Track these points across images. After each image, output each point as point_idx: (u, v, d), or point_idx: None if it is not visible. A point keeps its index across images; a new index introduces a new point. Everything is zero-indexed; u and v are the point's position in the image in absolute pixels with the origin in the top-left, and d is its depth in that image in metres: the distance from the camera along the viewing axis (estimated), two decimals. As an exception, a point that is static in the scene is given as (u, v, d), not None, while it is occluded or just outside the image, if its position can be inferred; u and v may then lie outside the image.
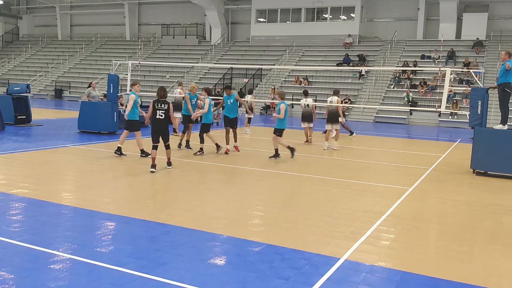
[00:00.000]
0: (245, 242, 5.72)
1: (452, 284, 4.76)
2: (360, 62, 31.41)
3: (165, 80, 34.97)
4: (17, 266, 4.73)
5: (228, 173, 10.26)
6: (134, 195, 7.93)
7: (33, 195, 7.47)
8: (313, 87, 30.35)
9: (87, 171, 9.59)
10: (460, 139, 19.26)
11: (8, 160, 10.44)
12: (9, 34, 48.10)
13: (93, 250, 5.22)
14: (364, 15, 34.58)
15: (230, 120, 12.87)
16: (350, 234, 6.17)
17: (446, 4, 30.90)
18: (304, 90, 17.63)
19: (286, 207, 7.53)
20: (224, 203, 7.62)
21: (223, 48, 37.87)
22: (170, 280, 4.51)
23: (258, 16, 37.18)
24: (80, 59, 41.46)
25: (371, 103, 28.35)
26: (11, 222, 6.10)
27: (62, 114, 24.60)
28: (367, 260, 5.28)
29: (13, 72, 41.76)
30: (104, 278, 4.52)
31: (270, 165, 11.21)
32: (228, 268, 4.95)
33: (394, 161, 12.97)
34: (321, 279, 4.70)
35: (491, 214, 7.55)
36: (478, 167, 11.07)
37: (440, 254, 5.62)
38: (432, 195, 8.83)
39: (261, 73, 33.45)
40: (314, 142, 15.68)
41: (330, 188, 8.97)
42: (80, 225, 6.16)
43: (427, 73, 29.53)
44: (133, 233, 5.92)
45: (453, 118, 26.18)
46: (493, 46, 30.20)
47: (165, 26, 40.80)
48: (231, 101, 12.76)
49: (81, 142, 13.77)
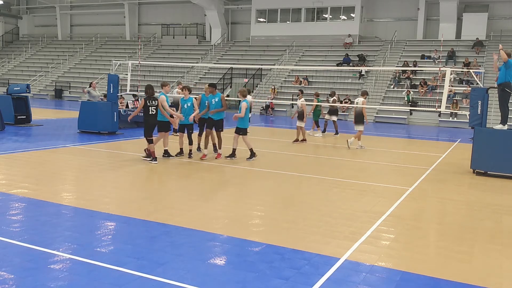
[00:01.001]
0: (245, 242, 5.72)
1: (452, 284, 4.76)
2: (360, 62, 31.41)
3: (164, 80, 34.93)
4: (17, 266, 4.73)
5: (228, 173, 10.26)
6: (134, 195, 7.92)
7: (33, 195, 7.47)
8: (313, 87, 30.33)
9: (87, 171, 9.59)
10: (460, 139, 19.26)
11: (8, 160, 10.44)
12: (9, 34, 48.10)
13: (93, 250, 5.22)
14: (364, 15, 34.58)
15: (214, 121, 11.82)
16: (350, 234, 6.17)
17: (446, 4, 30.90)
18: (300, 89, 18.22)
19: (286, 207, 7.53)
20: (224, 203, 7.62)
21: (223, 48, 37.87)
22: (170, 280, 4.51)
23: (258, 16, 37.18)
24: (80, 59, 41.47)
25: (371, 103, 28.30)
26: (11, 222, 6.10)
27: (62, 114, 24.59)
28: (367, 260, 5.28)
29: (13, 72, 41.76)
30: (104, 278, 4.52)
31: (270, 165, 11.21)
32: (228, 268, 4.95)
33: (394, 161, 12.97)
34: (321, 279, 4.70)
35: (491, 214, 7.55)
36: (478, 167, 11.07)
37: (440, 254, 5.62)
38: (432, 195, 8.83)
39: (261, 73, 33.45)
40: (314, 142, 15.67)
41: (330, 188, 8.97)
42: (80, 225, 6.15)
43: (427, 73, 29.53)
44: (133, 233, 5.92)
45: (453, 118, 26.19)
46: (493, 46, 30.19)
47: (165, 26, 40.80)
48: (215, 100, 11.76)
49: (81, 142, 13.77)
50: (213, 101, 12.14)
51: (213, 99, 12.01)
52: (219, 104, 11.76)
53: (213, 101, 12.14)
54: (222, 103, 11.70)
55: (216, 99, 11.74)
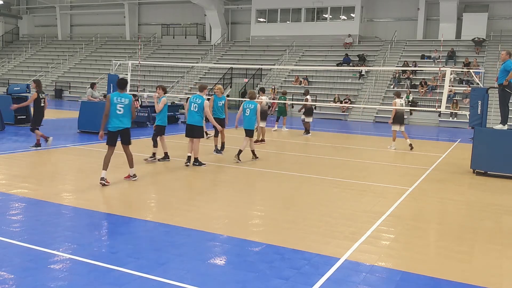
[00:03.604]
0: (245, 242, 5.72)
1: (452, 284, 4.76)
2: (360, 62, 31.41)
3: (164, 80, 34.99)
4: (17, 266, 4.73)
5: (228, 173, 10.26)
6: (134, 195, 7.92)
7: (33, 195, 7.47)
8: (313, 87, 30.34)
9: (87, 171, 9.59)
10: (460, 139, 19.26)
11: (8, 160, 10.44)
12: (9, 34, 48.11)
13: (93, 250, 5.22)
14: (364, 15, 34.58)
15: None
16: (350, 234, 6.17)
17: (446, 4, 30.89)
18: (261, 87, 18.28)
19: (286, 207, 7.53)
20: (224, 203, 7.62)
21: (223, 48, 37.87)
22: (170, 280, 4.51)
23: (258, 16, 37.18)
24: (80, 59, 41.47)
25: (371, 103, 28.35)
26: (11, 222, 6.10)
27: (62, 114, 24.58)
28: (367, 260, 5.28)
29: (13, 72, 41.75)
30: (104, 278, 4.52)
31: (270, 165, 11.21)
32: (228, 268, 4.95)
33: (394, 161, 12.97)
34: (321, 279, 4.70)
35: (491, 214, 7.55)
36: (478, 167, 11.07)
37: (440, 254, 5.62)
38: (432, 195, 8.83)
39: (261, 73, 33.45)
40: (312, 142, 15.66)
41: (330, 188, 8.97)
42: (80, 225, 6.16)
43: (427, 73, 29.53)
44: (133, 233, 5.92)
45: (453, 118, 26.18)
46: (493, 46, 30.20)
47: (165, 26, 40.80)
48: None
49: (81, 142, 13.76)
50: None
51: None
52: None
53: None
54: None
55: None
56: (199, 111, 10.46)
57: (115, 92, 8.64)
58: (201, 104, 10.45)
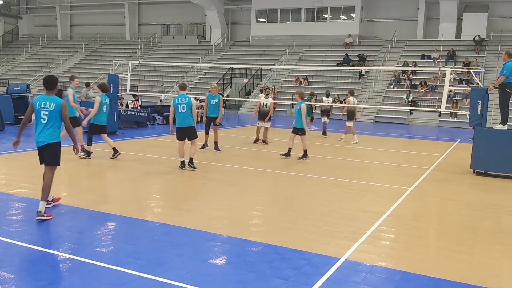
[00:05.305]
0: (245, 242, 5.72)
1: (452, 284, 4.76)
2: (360, 62, 31.41)
3: (164, 80, 34.98)
4: (17, 266, 4.73)
5: (228, 173, 10.25)
6: (134, 195, 7.92)
7: (33, 195, 7.47)
8: (313, 87, 30.32)
9: (87, 171, 9.58)
10: (460, 139, 19.26)
11: (8, 160, 10.44)
12: (9, 34, 48.11)
13: (93, 250, 5.21)
14: (364, 15, 34.58)
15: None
16: (350, 234, 6.17)
17: (446, 4, 30.90)
18: (262, 88, 18.27)
19: (286, 207, 7.53)
20: (224, 203, 7.61)
21: (223, 48, 37.87)
22: (170, 280, 4.51)
23: (258, 16, 37.18)
24: (80, 59, 41.46)
25: (371, 103, 28.35)
26: (11, 222, 6.10)
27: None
28: (367, 260, 5.28)
29: (13, 72, 41.75)
30: (104, 278, 4.52)
31: (270, 165, 11.21)
32: (228, 268, 4.95)
33: (394, 161, 12.97)
34: (321, 279, 4.70)
35: (491, 214, 7.55)
36: (478, 167, 11.07)
37: (440, 254, 5.62)
38: (432, 195, 8.83)
39: (261, 73, 33.45)
40: (312, 142, 15.66)
41: (330, 188, 8.97)
42: (80, 225, 6.16)
43: (427, 73, 29.53)
44: (133, 233, 5.92)
45: (453, 118, 26.19)
46: (493, 46, 30.20)
47: (165, 26, 40.81)
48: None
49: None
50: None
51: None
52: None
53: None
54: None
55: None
56: (188, 110, 10.12)
57: (41, 95, 6.52)
58: (189, 103, 10.14)
